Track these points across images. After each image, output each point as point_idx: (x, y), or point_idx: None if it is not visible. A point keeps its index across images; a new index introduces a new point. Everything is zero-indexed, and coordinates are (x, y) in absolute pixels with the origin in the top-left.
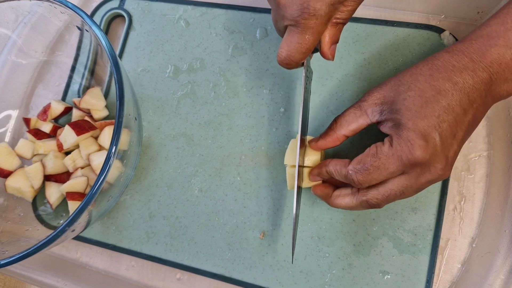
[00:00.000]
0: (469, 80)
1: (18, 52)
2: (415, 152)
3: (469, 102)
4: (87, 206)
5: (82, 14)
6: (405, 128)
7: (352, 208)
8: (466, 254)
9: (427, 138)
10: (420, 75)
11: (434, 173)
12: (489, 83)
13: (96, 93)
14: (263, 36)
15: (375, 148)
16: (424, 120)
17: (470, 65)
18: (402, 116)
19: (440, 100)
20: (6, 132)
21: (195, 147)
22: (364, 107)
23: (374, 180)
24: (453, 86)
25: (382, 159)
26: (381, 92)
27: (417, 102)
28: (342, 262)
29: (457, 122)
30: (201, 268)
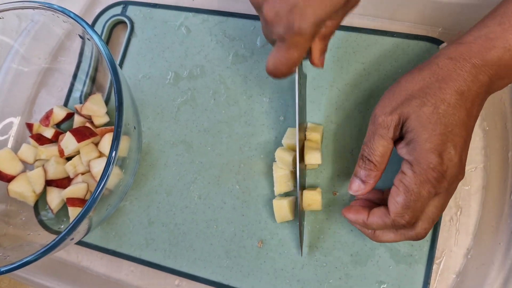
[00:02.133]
0: (472, 88)
1: (21, 60)
2: (438, 170)
3: (472, 107)
4: (87, 214)
5: (84, 24)
6: (422, 150)
7: (397, 241)
8: (461, 265)
9: (443, 154)
10: (428, 88)
11: (458, 179)
12: (489, 85)
13: (97, 100)
14: (264, 44)
15: (402, 183)
16: (439, 137)
17: (472, 71)
18: (417, 136)
19: (452, 114)
20: (10, 137)
21: (195, 154)
22: (386, 135)
23: (419, 213)
24: (460, 97)
25: (414, 190)
26: (393, 111)
27: (433, 119)
28: (339, 271)
29: (466, 129)
30: (199, 275)
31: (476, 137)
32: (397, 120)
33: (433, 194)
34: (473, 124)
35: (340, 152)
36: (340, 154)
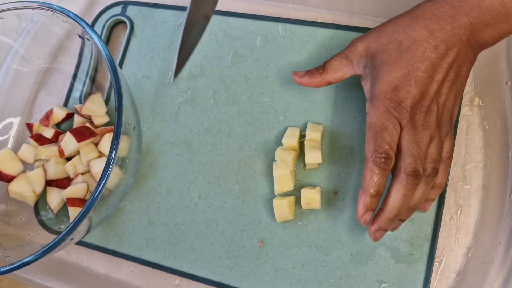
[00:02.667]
0: (446, 26)
1: (21, 60)
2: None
3: (446, 47)
4: (87, 214)
5: (83, 24)
6: (380, 84)
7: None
8: (462, 264)
9: (399, 86)
10: (399, 26)
11: (438, 115)
12: (469, 28)
13: (97, 100)
14: (264, 44)
15: (367, 123)
16: (398, 71)
17: (450, 12)
18: (378, 72)
19: (415, 49)
20: (10, 138)
21: (194, 154)
22: (350, 57)
23: (391, 144)
24: (430, 34)
25: (377, 123)
26: (365, 43)
27: (394, 55)
28: (339, 271)
29: (433, 66)
30: (200, 275)
31: (476, 136)
32: (364, 49)
33: (397, 124)
34: (452, 64)
35: (340, 152)
36: (340, 154)
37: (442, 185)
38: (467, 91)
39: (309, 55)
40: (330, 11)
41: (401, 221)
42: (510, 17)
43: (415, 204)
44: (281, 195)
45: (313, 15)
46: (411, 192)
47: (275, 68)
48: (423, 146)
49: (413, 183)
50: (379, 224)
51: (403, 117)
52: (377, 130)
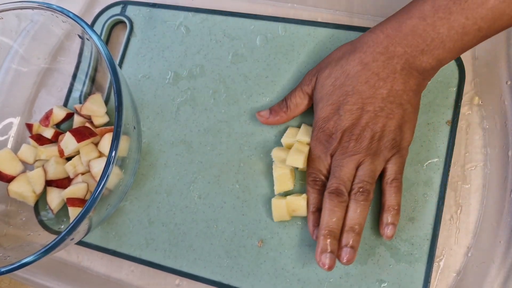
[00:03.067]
0: (379, 58)
1: (20, 60)
2: (326, 133)
3: (378, 79)
4: (87, 214)
5: (83, 24)
6: (316, 117)
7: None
8: (462, 263)
9: (331, 119)
10: (339, 59)
11: (373, 141)
12: (403, 57)
13: (97, 100)
14: (264, 43)
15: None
16: (331, 106)
17: (384, 42)
18: (316, 106)
19: (348, 84)
20: (9, 138)
21: (194, 154)
22: (306, 90)
23: (320, 170)
24: (362, 67)
25: (312, 151)
26: (315, 75)
27: (329, 91)
28: (339, 270)
29: (363, 98)
30: (200, 274)
31: (476, 135)
32: (314, 82)
33: (328, 153)
34: (387, 95)
35: None
36: None
37: (394, 207)
38: (467, 91)
39: (309, 54)
40: (330, 11)
41: (352, 248)
42: (445, 43)
43: (354, 224)
44: (281, 194)
45: (312, 15)
46: (337, 209)
47: (275, 68)
48: (347, 169)
49: (336, 201)
50: (319, 245)
51: (333, 147)
52: (312, 158)
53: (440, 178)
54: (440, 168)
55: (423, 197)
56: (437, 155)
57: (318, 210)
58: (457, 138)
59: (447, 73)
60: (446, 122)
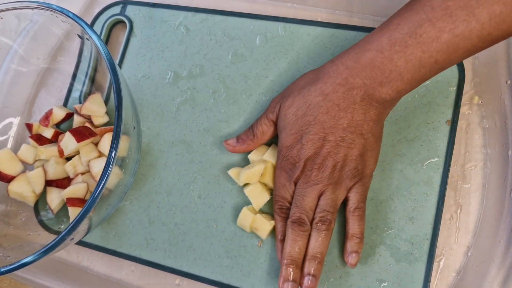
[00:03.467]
0: (339, 89)
1: (20, 60)
2: (289, 162)
3: (339, 109)
4: (87, 214)
5: (83, 24)
6: (280, 146)
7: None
8: (462, 263)
9: (293, 148)
10: (304, 89)
11: (335, 169)
12: (363, 88)
13: (96, 100)
14: (263, 43)
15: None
16: (293, 136)
17: (344, 73)
18: (280, 135)
19: (309, 114)
20: (9, 138)
21: (194, 153)
22: (272, 117)
23: (286, 198)
24: (323, 98)
25: (276, 179)
26: (279, 103)
27: (292, 120)
28: (339, 270)
29: (325, 128)
30: (200, 274)
31: (476, 135)
32: (278, 109)
33: (291, 181)
34: (347, 126)
35: None
36: None
37: (358, 235)
38: (466, 90)
39: (309, 54)
40: (330, 11)
41: (313, 276)
42: (403, 75)
43: (316, 253)
44: (263, 209)
45: (312, 15)
46: (299, 238)
47: (275, 68)
48: (309, 198)
49: (298, 230)
50: (282, 274)
51: (296, 175)
52: (277, 186)
53: (440, 178)
54: (440, 167)
55: (423, 196)
56: (437, 154)
57: (284, 238)
58: (457, 137)
59: (447, 73)
60: (446, 121)
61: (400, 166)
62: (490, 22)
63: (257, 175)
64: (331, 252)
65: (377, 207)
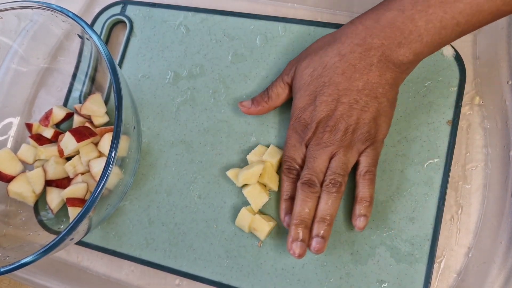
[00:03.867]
0: (357, 49)
1: (20, 60)
2: (301, 123)
3: (355, 70)
4: (87, 214)
5: (83, 24)
6: (294, 107)
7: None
8: (462, 264)
9: (307, 109)
10: (319, 49)
11: (348, 132)
12: (380, 49)
13: (96, 100)
14: (263, 43)
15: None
16: (307, 97)
17: (362, 33)
18: (294, 95)
19: (325, 75)
20: (9, 138)
21: (194, 153)
22: (287, 80)
23: (296, 159)
24: (340, 58)
25: (287, 140)
26: (295, 65)
27: (307, 81)
28: (339, 271)
29: (339, 90)
30: (200, 274)
31: (477, 135)
32: (293, 71)
33: (303, 142)
34: (363, 88)
35: None
36: None
37: (367, 199)
38: (467, 90)
39: None
40: (330, 11)
41: (322, 238)
42: (423, 37)
43: (326, 215)
44: (262, 210)
45: (312, 15)
46: (309, 199)
47: (275, 68)
48: (320, 160)
49: (308, 191)
50: (291, 233)
51: (308, 136)
52: (287, 147)
53: (440, 178)
54: (440, 168)
55: (424, 197)
56: (438, 155)
57: (291, 198)
58: (457, 138)
59: (447, 73)
60: (447, 122)
61: (400, 166)
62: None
63: (256, 176)
64: (331, 253)
65: (377, 207)
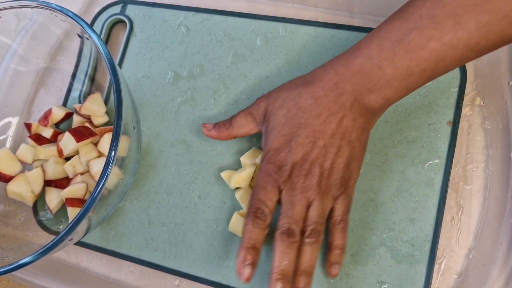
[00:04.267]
0: (330, 93)
1: (19, 60)
2: (276, 165)
3: (329, 114)
4: (86, 214)
5: (82, 23)
6: (266, 147)
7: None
8: (463, 265)
9: (281, 150)
10: (292, 91)
11: (323, 177)
12: (352, 94)
13: (96, 100)
14: (264, 43)
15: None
16: (282, 138)
17: (334, 78)
18: (267, 136)
19: (300, 116)
20: (8, 137)
21: (194, 154)
22: (254, 114)
23: (263, 203)
24: (314, 101)
25: (258, 183)
26: (266, 103)
27: (282, 121)
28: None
29: (315, 132)
30: (199, 275)
31: (477, 136)
32: (264, 110)
33: (276, 186)
34: (337, 129)
35: None
36: None
37: (340, 247)
38: (468, 91)
39: (309, 55)
40: (330, 11)
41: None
42: (391, 83)
43: (307, 267)
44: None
45: (313, 15)
46: (290, 250)
47: (275, 68)
48: (299, 207)
49: (288, 242)
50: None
51: (283, 179)
52: (257, 189)
53: (441, 179)
54: (441, 169)
55: (424, 198)
56: (438, 156)
57: (254, 247)
58: (458, 139)
59: (448, 74)
60: (447, 122)
61: (400, 167)
62: (478, 31)
63: (247, 179)
64: None
65: (377, 208)
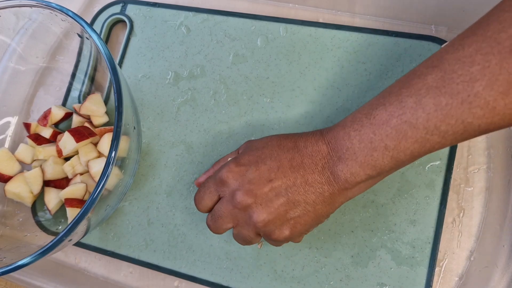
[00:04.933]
0: (308, 146)
1: (18, 59)
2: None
3: (300, 163)
4: (85, 215)
5: (82, 23)
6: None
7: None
8: (464, 267)
9: (246, 164)
10: (271, 150)
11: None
12: (326, 157)
13: (96, 100)
14: (264, 44)
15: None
16: (252, 152)
17: (317, 135)
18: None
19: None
20: (7, 137)
21: (194, 154)
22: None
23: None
24: (278, 164)
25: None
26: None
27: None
28: (339, 273)
29: (279, 169)
30: (199, 276)
31: (479, 137)
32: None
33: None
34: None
35: None
36: None
37: None
38: None
39: (310, 55)
40: (331, 11)
41: None
42: (357, 155)
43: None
44: None
45: (314, 15)
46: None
47: (276, 69)
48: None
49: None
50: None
51: (223, 194)
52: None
53: (442, 181)
54: (442, 170)
55: (425, 199)
56: (439, 157)
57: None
58: None
59: None
60: None
61: (401, 168)
62: (436, 113)
63: None
64: (331, 254)
65: (378, 210)
